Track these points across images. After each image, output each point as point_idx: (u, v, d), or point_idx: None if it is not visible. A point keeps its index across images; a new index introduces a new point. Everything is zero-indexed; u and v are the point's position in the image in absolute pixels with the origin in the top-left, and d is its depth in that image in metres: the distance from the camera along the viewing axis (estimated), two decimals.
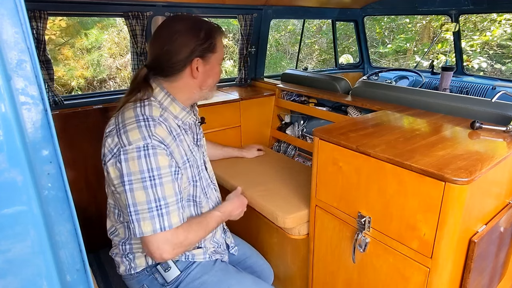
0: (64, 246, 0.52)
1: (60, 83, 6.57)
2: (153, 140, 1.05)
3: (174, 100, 1.19)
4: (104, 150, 1.10)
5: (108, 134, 1.11)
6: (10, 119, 0.43)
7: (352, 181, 1.26)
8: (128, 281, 1.30)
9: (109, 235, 1.31)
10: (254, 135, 2.48)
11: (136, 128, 1.06)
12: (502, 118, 1.43)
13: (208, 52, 1.17)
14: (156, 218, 1.03)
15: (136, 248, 1.25)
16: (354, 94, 2.08)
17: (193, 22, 1.17)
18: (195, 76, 1.18)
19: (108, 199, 1.25)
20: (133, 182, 1.03)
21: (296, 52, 4.46)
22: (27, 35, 0.44)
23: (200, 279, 1.26)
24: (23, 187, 0.45)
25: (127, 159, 1.03)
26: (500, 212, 1.24)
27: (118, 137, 1.06)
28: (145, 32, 2.21)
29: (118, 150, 1.05)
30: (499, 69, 6.40)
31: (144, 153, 1.03)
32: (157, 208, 1.04)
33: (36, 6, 1.81)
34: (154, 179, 1.04)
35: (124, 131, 1.06)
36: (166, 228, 1.05)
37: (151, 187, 1.03)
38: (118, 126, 1.09)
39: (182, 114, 1.21)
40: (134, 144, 1.03)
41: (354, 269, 1.34)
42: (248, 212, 1.47)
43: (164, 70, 1.17)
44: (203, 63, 1.18)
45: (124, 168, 1.03)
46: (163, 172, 1.05)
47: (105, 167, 1.10)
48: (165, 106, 1.17)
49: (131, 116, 1.09)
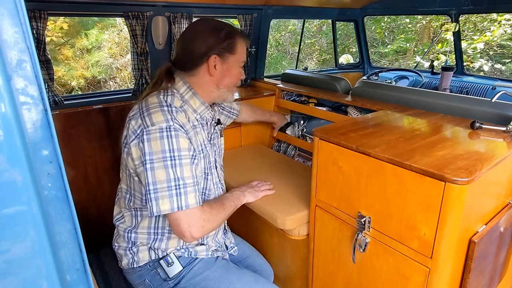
0: (64, 246, 0.52)
1: (60, 83, 6.57)
2: (174, 123, 1.11)
3: (195, 94, 1.25)
4: (127, 132, 1.15)
5: (131, 117, 1.17)
6: (10, 119, 0.43)
7: (352, 181, 1.26)
8: (130, 275, 1.30)
9: (115, 222, 1.33)
10: (254, 135, 2.48)
11: (160, 111, 1.12)
12: (502, 118, 1.43)
13: (226, 51, 1.23)
14: (174, 197, 1.07)
15: (140, 239, 1.26)
16: (354, 94, 2.08)
17: (216, 23, 1.25)
18: (212, 73, 1.23)
19: (121, 184, 1.28)
20: (154, 161, 1.07)
21: (296, 52, 4.46)
22: (27, 35, 0.44)
23: (201, 275, 1.27)
24: (23, 187, 0.45)
25: (150, 139, 1.08)
26: (500, 212, 1.24)
27: (141, 119, 1.12)
28: (145, 32, 2.21)
29: (142, 131, 1.10)
30: (499, 69, 6.40)
31: (167, 133, 1.08)
32: (176, 187, 1.07)
33: (36, 6, 1.81)
34: (175, 159, 1.08)
35: (148, 113, 1.12)
36: (183, 208, 1.08)
37: (172, 167, 1.07)
38: (141, 110, 1.15)
39: (201, 108, 1.27)
40: (157, 125, 1.09)
41: (354, 269, 1.34)
42: (248, 213, 1.47)
43: (185, 64, 1.24)
44: (220, 62, 1.24)
45: (147, 148, 1.08)
46: (183, 154, 1.10)
47: (127, 149, 1.15)
48: (186, 99, 1.24)
49: (155, 102, 1.16)
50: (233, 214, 1.36)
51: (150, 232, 1.25)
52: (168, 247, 1.26)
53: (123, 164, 1.22)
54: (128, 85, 7.28)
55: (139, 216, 1.25)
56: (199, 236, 1.12)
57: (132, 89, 2.40)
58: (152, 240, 1.25)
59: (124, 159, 1.18)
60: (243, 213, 1.81)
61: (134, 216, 1.26)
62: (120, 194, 1.29)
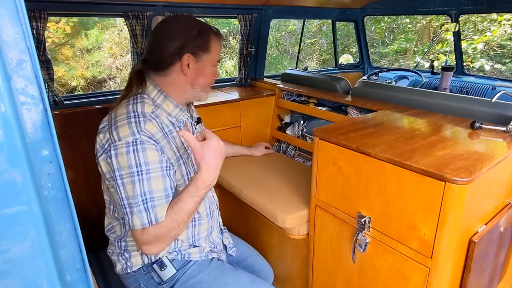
0: (64, 246, 0.52)
1: (60, 83, 6.57)
2: (142, 135, 1.07)
3: (167, 97, 1.20)
4: (96, 146, 1.13)
5: (100, 131, 1.14)
6: (10, 119, 0.43)
7: (352, 181, 1.26)
8: (125, 280, 1.30)
9: (106, 232, 1.32)
10: (254, 135, 2.48)
11: (126, 124, 1.08)
12: (502, 118, 1.43)
13: (199, 50, 1.18)
14: (143, 212, 1.05)
15: (131, 246, 1.25)
16: (354, 94, 2.08)
17: (187, 21, 1.20)
18: (186, 72, 1.19)
19: (104, 195, 1.27)
20: (123, 176, 1.05)
21: (296, 52, 4.46)
22: (27, 35, 0.44)
23: (196, 277, 1.26)
24: (23, 187, 0.45)
25: (117, 154, 1.06)
26: (500, 212, 1.24)
27: (109, 133, 1.09)
28: (145, 32, 2.21)
29: (109, 146, 1.08)
30: (499, 69, 6.40)
31: (133, 148, 1.05)
32: (143, 202, 1.05)
33: (36, 6, 1.81)
34: (142, 173, 1.06)
35: (115, 127, 1.09)
36: (153, 222, 1.06)
37: (139, 182, 1.05)
38: (110, 122, 1.12)
39: (176, 111, 1.22)
40: (123, 140, 1.06)
41: (354, 269, 1.34)
42: (247, 212, 1.47)
43: (156, 63, 1.19)
44: (194, 60, 1.18)
45: (115, 163, 1.06)
46: (151, 168, 1.07)
47: (98, 163, 1.13)
48: (158, 103, 1.19)
49: (123, 112, 1.12)
50: (233, 214, 1.36)
51: None
52: (160, 252, 1.24)
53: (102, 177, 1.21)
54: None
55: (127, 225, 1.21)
56: (154, 252, 1.12)
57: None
58: None
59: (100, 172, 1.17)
60: (242, 213, 1.81)
61: (122, 224, 1.25)
62: (106, 205, 1.28)
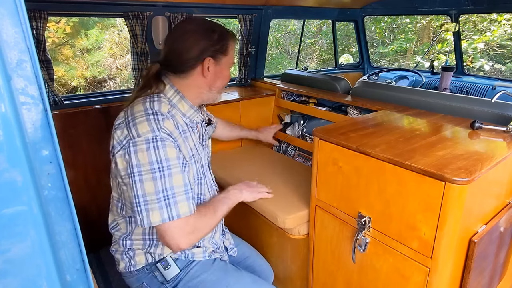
0: (64, 246, 0.52)
1: (60, 83, 6.57)
2: (161, 132, 1.08)
3: (183, 98, 1.22)
4: (113, 142, 1.13)
5: (117, 127, 1.14)
6: (10, 119, 0.43)
7: (352, 181, 1.26)
8: (128, 278, 1.30)
9: (110, 230, 1.31)
10: None
11: (145, 121, 1.09)
12: (502, 118, 1.43)
13: (219, 53, 1.21)
14: (164, 208, 1.05)
15: (136, 245, 1.25)
16: (354, 94, 2.08)
17: (207, 24, 1.21)
18: (206, 75, 1.21)
19: (112, 192, 1.26)
20: (142, 173, 1.05)
21: (296, 52, 4.46)
22: (27, 35, 0.44)
23: (199, 277, 1.26)
24: (23, 187, 0.45)
25: (137, 151, 1.05)
26: (500, 212, 1.24)
27: (127, 129, 1.09)
28: (145, 32, 2.21)
29: (128, 142, 1.07)
30: (499, 69, 6.40)
31: (153, 145, 1.06)
32: (165, 198, 1.06)
33: (36, 6, 1.81)
34: (163, 170, 1.06)
35: (134, 123, 1.09)
36: (174, 218, 1.06)
37: (160, 178, 1.05)
38: (127, 119, 1.12)
39: (190, 112, 1.24)
40: (143, 136, 1.06)
41: (354, 269, 1.34)
42: (248, 212, 1.47)
43: (175, 67, 1.20)
44: (214, 64, 1.21)
45: (134, 160, 1.05)
46: (172, 164, 1.08)
47: (113, 159, 1.13)
48: (174, 103, 1.20)
49: (141, 109, 1.12)
50: (233, 215, 1.36)
51: (145, 238, 1.24)
52: (164, 252, 1.25)
53: (112, 173, 1.20)
54: (128, 86, 7.28)
55: (133, 223, 1.23)
56: (186, 247, 1.10)
57: (132, 89, 2.40)
58: (147, 245, 1.24)
59: (113, 168, 1.16)
60: (242, 213, 1.81)
61: (128, 223, 1.24)
62: (112, 202, 1.28)
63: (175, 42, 1.19)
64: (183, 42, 1.17)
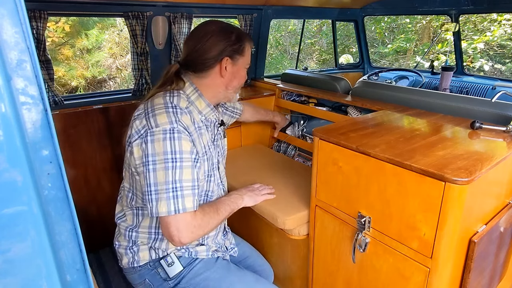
0: (64, 246, 0.52)
1: (60, 83, 6.57)
2: (179, 125, 1.12)
3: (201, 95, 1.26)
4: (131, 131, 1.16)
5: (136, 117, 1.17)
6: (10, 119, 0.43)
7: (352, 181, 1.26)
8: (130, 274, 1.30)
9: (116, 220, 1.33)
10: (254, 135, 2.48)
11: (164, 113, 1.13)
12: (502, 118, 1.43)
13: (237, 54, 1.25)
14: (171, 200, 1.07)
15: (141, 238, 1.26)
16: (354, 94, 2.08)
17: (225, 26, 1.27)
18: (223, 75, 1.25)
19: (124, 183, 1.29)
20: (156, 162, 1.08)
21: (296, 52, 4.46)
22: (27, 35, 0.44)
23: (202, 275, 1.27)
24: (23, 187, 0.45)
25: (153, 140, 1.09)
26: (500, 212, 1.24)
27: (146, 119, 1.13)
28: (145, 32, 2.21)
29: (146, 132, 1.11)
30: (499, 69, 6.40)
31: (170, 135, 1.09)
32: (173, 190, 1.08)
33: (36, 6, 1.81)
34: (176, 161, 1.09)
35: (153, 114, 1.13)
36: (180, 211, 1.08)
37: (172, 169, 1.08)
38: (147, 110, 1.16)
39: (207, 110, 1.28)
40: (161, 127, 1.10)
41: (354, 269, 1.34)
42: (248, 213, 1.47)
43: (195, 66, 1.25)
44: (231, 64, 1.26)
45: (150, 149, 1.08)
46: (184, 157, 1.11)
47: (129, 148, 1.15)
48: (192, 100, 1.25)
49: (161, 102, 1.17)
50: (233, 215, 1.36)
51: (151, 231, 1.25)
52: (169, 247, 1.26)
53: (126, 163, 1.23)
54: (128, 86, 7.29)
55: (140, 215, 1.25)
56: (187, 242, 1.11)
57: (132, 89, 2.40)
58: (153, 239, 1.25)
59: (127, 158, 1.19)
60: (243, 214, 1.81)
61: (136, 215, 1.26)
62: (123, 193, 1.30)
63: (197, 43, 1.23)
64: (204, 43, 1.22)
